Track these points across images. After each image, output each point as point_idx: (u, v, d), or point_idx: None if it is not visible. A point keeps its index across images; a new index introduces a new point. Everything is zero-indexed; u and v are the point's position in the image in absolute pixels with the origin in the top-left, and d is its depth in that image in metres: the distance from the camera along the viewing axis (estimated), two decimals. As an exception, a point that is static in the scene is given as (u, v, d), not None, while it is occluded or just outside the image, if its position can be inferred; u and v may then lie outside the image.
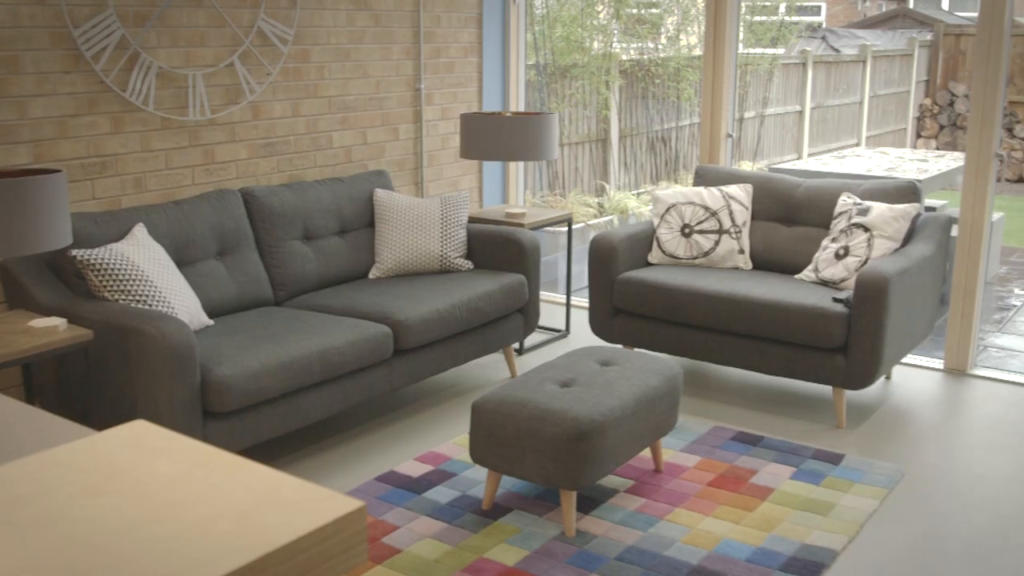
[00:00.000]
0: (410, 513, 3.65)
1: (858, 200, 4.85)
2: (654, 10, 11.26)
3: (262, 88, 4.86)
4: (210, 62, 4.64)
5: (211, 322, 4.08)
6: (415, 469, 4.01)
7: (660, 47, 10.98)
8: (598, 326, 4.98)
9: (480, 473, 3.97)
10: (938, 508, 3.78)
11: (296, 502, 1.25)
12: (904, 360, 5.31)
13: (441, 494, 3.80)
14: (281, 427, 3.84)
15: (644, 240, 5.09)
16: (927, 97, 15.17)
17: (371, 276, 4.90)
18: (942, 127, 14.75)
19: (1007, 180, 13.60)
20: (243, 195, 4.58)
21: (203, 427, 3.57)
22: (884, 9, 22.24)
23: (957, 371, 5.22)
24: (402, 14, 5.60)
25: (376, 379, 4.21)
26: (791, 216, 5.12)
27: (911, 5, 24.08)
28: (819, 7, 22.49)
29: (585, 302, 6.23)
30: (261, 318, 4.19)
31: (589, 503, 3.73)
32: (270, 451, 4.20)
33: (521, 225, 5.31)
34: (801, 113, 12.79)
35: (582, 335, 5.73)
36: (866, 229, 4.65)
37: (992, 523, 3.68)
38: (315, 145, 5.20)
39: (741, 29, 12.95)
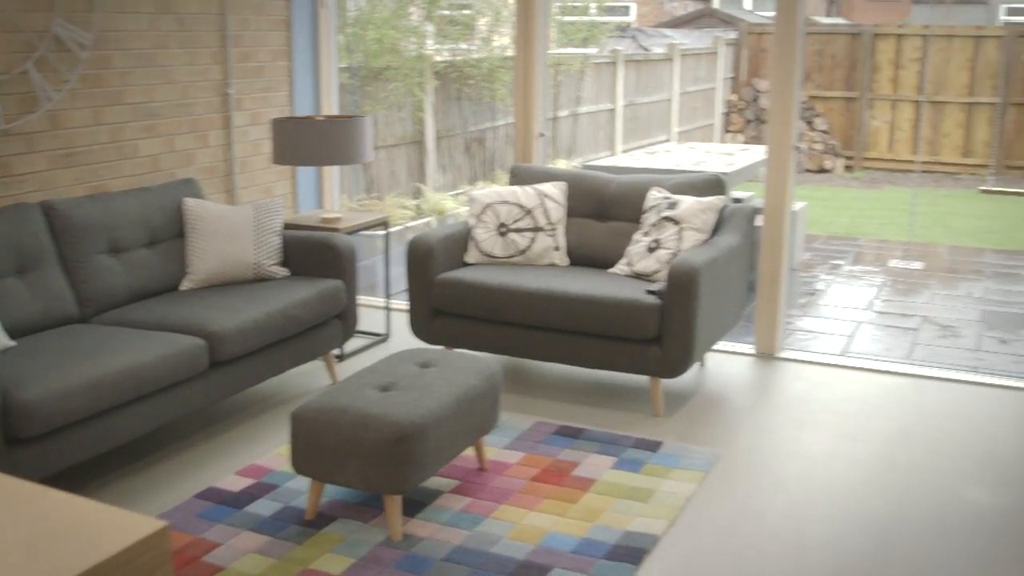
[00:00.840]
0: (232, 529, 3.57)
1: (667, 194, 4.99)
2: (466, 11, 11.34)
3: (60, 96, 4.67)
4: (2, 69, 4.42)
5: (12, 343, 3.89)
6: (236, 483, 3.92)
7: (474, 48, 11.06)
8: (418, 328, 4.98)
9: (303, 483, 3.91)
10: (753, 487, 3.93)
11: (94, 527, 1.21)
12: (717, 347, 5.49)
13: (263, 507, 3.73)
14: (93, 449, 3.69)
15: (461, 240, 5.12)
16: (733, 93, 15.74)
17: (183, 288, 4.76)
18: (748, 122, 15.33)
19: (809, 171, 14.24)
20: (43, 209, 4.38)
21: (8, 455, 3.40)
22: (690, 9, 22.97)
23: (767, 355, 5.44)
24: (208, 17, 5.46)
25: (192, 393, 4.10)
26: (604, 212, 5.23)
27: (716, 5, 24.94)
28: (628, 7, 23.06)
29: (405, 305, 6.22)
30: (67, 336, 4.02)
31: (414, 506, 3.73)
32: (83, 475, 4.04)
33: (337, 230, 5.26)
34: (613, 111, 13.09)
35: (403, 338, 5.72)
36: (676, 222, 4.79)
37: (803, 497, 3.84)
38: (120, 154, 5.02)
39: (553, 30, 13.16)
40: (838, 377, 5.17)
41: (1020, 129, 14.09)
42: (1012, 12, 21.54)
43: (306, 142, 5.14)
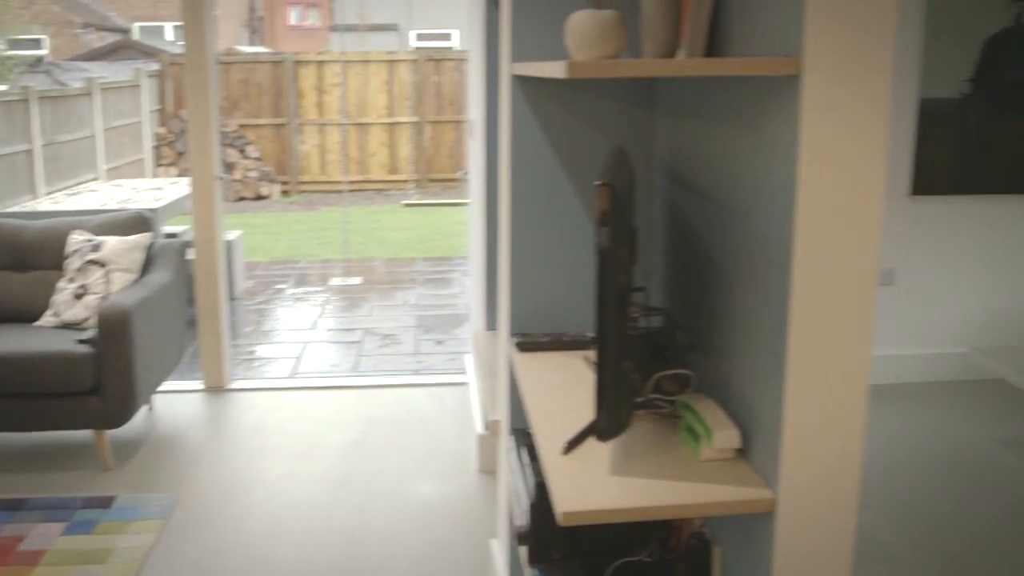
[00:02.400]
0: None
1: (90, 236, 4.76)
2: None
3: None
4: None
5: None
6: None
7: None
8: None
9: None
10: (216, 524, 3.87)
11: None
12: (163, 387, 5.34)
13: None
14: None
15: None
16: (162, 126, 15.42)
17: None
18: (180, 154, 15.10)
19: (246, 199, 14.33)
20: None
21: None
22: (108, 41, 22.19)
23: (217, 388, 5.38)
24: None
25: None
26: (23, 261, 4.87)
27: (136, 36, 24.33)
28: (39, 40, 21.77)
29: None
30: None
31: None
32: None
33: None
34: (31, 151, 12.26)
35: None
36: (102, 264, 4.58)
37: (266, 524, 3.85)
38: None
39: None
40: (290, 400, 5.24)
41: (437, 145, 15.23)
42: (421, 38, 23.23)
43: None
